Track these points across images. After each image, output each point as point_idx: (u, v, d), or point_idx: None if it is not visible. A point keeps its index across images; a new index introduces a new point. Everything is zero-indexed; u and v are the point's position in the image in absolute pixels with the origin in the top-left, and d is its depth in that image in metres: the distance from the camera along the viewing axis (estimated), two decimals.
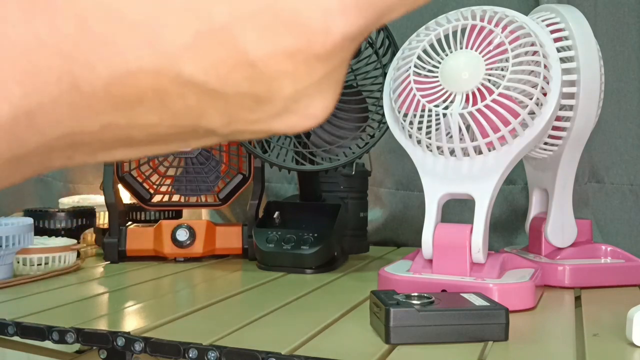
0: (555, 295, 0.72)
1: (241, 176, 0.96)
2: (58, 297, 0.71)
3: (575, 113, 0.74)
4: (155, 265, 0.92)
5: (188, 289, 0.80)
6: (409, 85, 0.68)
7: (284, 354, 0.50)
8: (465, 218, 0.71)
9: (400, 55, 0.72)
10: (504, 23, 0.66)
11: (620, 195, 1.02)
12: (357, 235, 0.98)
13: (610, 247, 0.81)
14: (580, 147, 0.77)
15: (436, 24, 0.70)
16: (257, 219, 0.94)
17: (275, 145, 0.82)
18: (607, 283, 0.77)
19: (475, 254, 0.66)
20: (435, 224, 0.68)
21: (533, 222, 0.83)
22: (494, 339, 0.53)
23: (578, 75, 0.73)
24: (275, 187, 1.18)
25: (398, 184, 1.11)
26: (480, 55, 0.65)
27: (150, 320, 0.61)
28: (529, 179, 0.85)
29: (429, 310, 0.53)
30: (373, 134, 0.82)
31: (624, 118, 1.01)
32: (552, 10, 0.76)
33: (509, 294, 0.63)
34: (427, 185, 0.69)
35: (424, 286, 0.65)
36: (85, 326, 0.57)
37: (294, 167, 0.81)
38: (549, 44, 0.67)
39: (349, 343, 0.54)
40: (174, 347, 0.53)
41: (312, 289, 0.76)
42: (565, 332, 0.58)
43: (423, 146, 0.69)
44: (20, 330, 0.59)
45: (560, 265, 0.76)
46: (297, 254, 0.85)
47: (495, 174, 0.66)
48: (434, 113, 0.66)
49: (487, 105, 0.64)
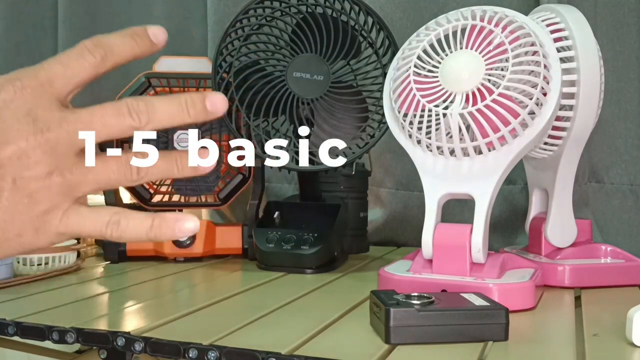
0: (555, 295, 0.72)
1: (241, 176, 0.96)
2: (58, 297, 0.71)
3: (575, 113, 0.74)
4: (155, 265, 0.92)
5: (188, 289, 0.80)
6: (409, 85, 0.68)
7: (284, 354, 0.50)
8: (465, 218, 0.71)
9: (400, 55, 0.72)
10: (504, 23, 0.66)
11: (620, 195, 1.02)
12: (357, 235, 0.98)
13: (610, 247, 0.81)
14: (580, 147, 0.77)
15: (436, 24, 0.70)
16: (257, 219, 0.94)
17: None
18: (607, 283, 0.77)
19: (475, 254, 0.66)
20: (435, 224, 0.68)
21: (533, 222, 0.83)
22: (494, 339, 0.53)
23: (578, 75, 0.73)
24: (275, 187, 1.18)
25: (398, 184, 1.11)
26: (480, 55, 0.65)
27: (150, 320, 0.61)
28: (529, 179, 0.85)
29: (429, 310, 0.53)
30: (373, 134, 0.82)
31: (624, 118, 1.01)
32: (552, 10, 0.76)
33: (509, 294, 0.63)
34: (427, 185, 0.69)
35: (424, 286, 0.65)
36: (85, 326, 0.57)
37: (294, 167, 0.81)
38: (549, 44, 0.67)
39: (349, 343, 0.54)
40: (174, 347, 0.53)
41: (312, 289, 0.76)
42: (565, 332, 0.58)
43: (423, 146, 0.69)
44: (20, 330, 0.59)
45: (560, 265, 0.76)
46: (297, 254, 0.85)
47: (495, 174, 0.66)
48: (434, 113, 0.66)
49: (487, 105, 0.64)
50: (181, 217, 0.42)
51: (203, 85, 0.93)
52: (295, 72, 0.81)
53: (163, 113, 0.42)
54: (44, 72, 0.41)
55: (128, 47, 0.43)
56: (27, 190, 0.39)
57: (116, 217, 0.41)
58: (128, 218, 0.41)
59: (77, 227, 0.41)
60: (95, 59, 0.42)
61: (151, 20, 1.28)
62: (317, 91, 0.81)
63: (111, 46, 0.42)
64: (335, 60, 0.82)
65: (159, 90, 0.93)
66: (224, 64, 0.83)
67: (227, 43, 0.83)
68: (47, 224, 0.40)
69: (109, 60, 0.42)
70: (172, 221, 0.42)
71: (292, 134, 0.82)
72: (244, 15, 0.83)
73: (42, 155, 0.39)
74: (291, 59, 0.82)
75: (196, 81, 0.93)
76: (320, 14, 0.82)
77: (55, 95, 0.41)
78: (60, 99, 0.41)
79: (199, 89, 0.94)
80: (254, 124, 0.81)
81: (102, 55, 0.42)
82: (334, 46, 0.81)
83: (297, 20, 0.82)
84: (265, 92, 0.81)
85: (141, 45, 0.43)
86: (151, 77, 0.93)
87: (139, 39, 0.43)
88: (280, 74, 0.81)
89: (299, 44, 0.82)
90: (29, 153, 0.39)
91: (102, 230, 0.41)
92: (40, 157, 0.39)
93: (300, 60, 0.81)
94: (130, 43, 0.43)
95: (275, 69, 0.82)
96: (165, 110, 0.42)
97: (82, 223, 0.41)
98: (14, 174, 0.39)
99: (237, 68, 0.82)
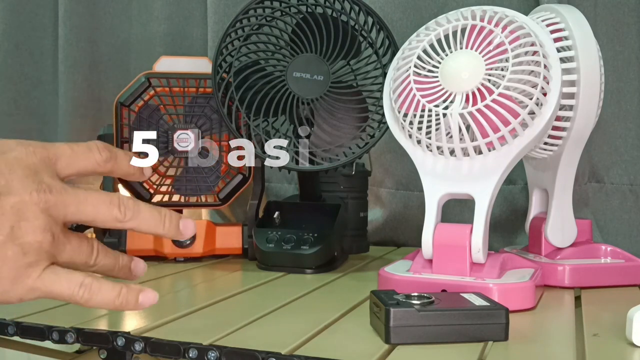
0: (555, 295, 0.72)
1: (241, 176, 0.96)
2: None
3: (575, 113, 0.74)
4: (155, 265, 0.92)
5: (188, 289, 0.80)
6: (409, 85, 0.68)
7: (284, 354, 0.50)
8: (465, 218, 0.71)
9: (400, 55, 0.72)
10: (504, 23, 0.66)
11: (620, 195, 1.02)
12: (357, 235, 0.98)
13: (610, 247, 0.81)
14: (580, 147, 0.77)
15: (436, 24, 0.70)
16: (257, 219, 0.94)
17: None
18: (607, 283, 0.77)
19: (475, 254, 0.66)
20: (435, 224, 0.68)
21: (533, 222, 0.83)
22: (494, 339, 0.53)
23: (578, 75, 0.73)
24: (275, 187, 1.18)
25: (398, 184, 1.11)
26: (480, 55, 0.65)
27: (150, 320, 0.61)
28: (529, 179, 0.85)
29: (429, 310, 0.53)
30: (373, 134, 0.82)
31: (624, 118, 1.01)
32: (552, 10, 0.76)
33: (509, 294, 0.63)
34: (427, 185, 0.69)
35: (424, 286, 0.65)
36: (85, 326, 0.57)
37: (294, 167, 0.81)
38: (549, 44, 0.67)
39: (349, 343, 0.54)
40: (174, 347, 0.53)
41: (312, 289, 0.76)
42: (565, 332, 0.58)
43: (423, 146, 0.69)
44: (20, 330, 0.59)
45: (560, 265, 0.76)
46: (297, 254, 0.85)
47: (495, 174, 0.66)
48: (434, 113, 0.66)
49: (487, 105, 0.64)
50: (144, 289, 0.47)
51: (203, 85, 0.93)
52: (295, 72, 0.81)
53: (145, 216, 0.46)
54: (54, 149, 0.45)
55: (127, 162, 0.49)
56: (21, 240, 0.42)
57: (89, 280, 0.45)
58: (100, 283, 0.45)
59: (50, 285, 0.44)
60: (101, 157, 0.47)
61: (151, 20, 1.28)
62: (317, 91, 0.81)
63: (117, 155, 0.48)
64: (335, 60, 0.82)
65: (159, 90, 0.93)
66: (224, 64, 0.83)
67: (227, 43, 0.83)
68: (25, 277, 0.43)
69: (109, 164, 0.48)
70: (136, 291, 0.47)
71: (292, 134, 0.82)
72: (244, 15, 0.83)
73: (40, 212, 0.43)
74: (291, 59, 0.82)
75: (196, 81, 0.93)
76: (320, 14, 0.82)
77: (57, 171, 0.45)
78: (60, 176, 0.45)
79: (199, 89, 0.94)
80: (254, 124, 0.81)
81: (107, 157, 0.48)
82: (334, 46, 0.81)
83: (297, 20, 0.82)
84: (265, 92, 0.81)
85: (137, 169, 0.50)
86: (151, 77, 0.93)
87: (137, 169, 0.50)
88: (280, 74, 0.81)
89: (299, 44, 0.82)
90: (31, 207, 0.42)
91: (75, 290, 0.44)
92: (39, 214, 0.42)
93: (300, 60, 0.81)
94: (128, 159, 0.49)
95: (275, 69, 0.82)
96: (148, 215, 0.46)
97: (57, 282, 0.44)
98: (13, 222, 0.42)
99: (237, 68, 0.82)
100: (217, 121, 0.93)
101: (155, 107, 0.93)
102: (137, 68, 1.25)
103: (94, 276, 0.45)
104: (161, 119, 0.93)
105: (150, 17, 1.28)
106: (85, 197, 0.44)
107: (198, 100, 0.94)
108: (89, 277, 0.45)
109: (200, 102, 0.94)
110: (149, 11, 1.29)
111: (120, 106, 0.93)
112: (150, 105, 0.93)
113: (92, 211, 0.45)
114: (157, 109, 0.93)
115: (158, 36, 1.27)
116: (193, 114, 0.93)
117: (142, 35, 1.30)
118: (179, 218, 0.48)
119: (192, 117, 0.93)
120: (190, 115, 0.93)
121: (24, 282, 0.43)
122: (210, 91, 0.93)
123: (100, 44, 1.31)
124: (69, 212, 0.44)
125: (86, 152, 0.47)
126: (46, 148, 0.45)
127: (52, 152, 0.45)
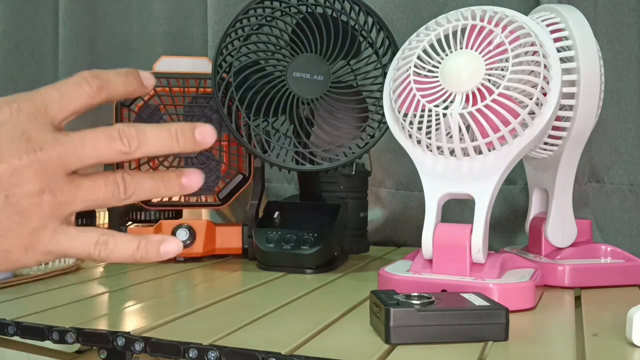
0: (555, 295, 0.72)
1: (241, 176, 0.96)
2: (58, 297, 0.71)
3: (575, 113, 0.74)
4: (155, 265, 0.92)
5: (188, 289, 0.80)
6: (409, 85, 0.68)
7: (284, 354, 0.50)
8: (465, 218, 0.71)
9: (400, 55, 0.72)
10: (504, 23, 0.66)
11: (620, 195, 1.02)
12: (357, 235, 0.98)
13: (610, 247, 0.81)
14: (580, 147, 0.77)
15: (436, 24, 0.70)
16: (257, 219, 0.94)
17: (275, 145, 0.82)
18: (607, 283, 0.77)
19: (475, 254, 0.66)
20: (435, 224, 0.68)
21: (533, 222, 0.83)
22: (494, 339, 0.53)
23: (578, 75, 0.73)
24: (275, 187, 1.18)
25: (398, 184, 1.11)
26: (480, 55, 0.65)
27: (150, 320, 0.61)
28: (529, 179, 0.85)
29: (429, 310, 0.53)
30: (373, 134, 0.82)
31: (624, 118, 1.01)
32: (552, 10, 0.76)
33: (509, 294, 0.63)
34: (427, 185, 0.69)
35: (424, 286, 0.65)
36: (85, 326, 0.57)
37: (294, 167, 0.81)
38: (549, 44, 0.67)
39: (349, 343, 0.54)
40: (174, 347, 0.53)
41: (312, 289, 0.76)
42: (565, 332, 0.58)
43: (423, 146, 0.69)
44: (20, 330, 0.59)
45: (560, 265, 0.76)
46: (297, 254, 0.85)
47: (495, 174, 0.66)
48: (434, 113, 0.66)
49: (487, 105, 0.64)
50: (166, 239, 0.44)
51: (203, 85, 0.93)
52: (295, 72, 0.81)
53: (153, 140, 0.43)
54: (40, 97, 0.42)
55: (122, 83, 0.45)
56: (18, 207, 0.40)
57: (104, 238, 0.43)
58: (116, 239, 0.43)
59: (65, 246, 0.42)
60: (92, 89, 0.43)
61: (151, 20, 1.28)
62: (317, 91, 0.81)
63: (108, 79, 0.44)
64: (335, 60, 0.82)
65: (159, 90, 0.93)
66: (224, 64, 0.83)
67: (227, 43, 0.83)
68: (36, 242, 0.41)
69: (103, 92, 0.44)
70: (157, 243, 0.44)
71: (292, 134, 0.82)
72: (244, 15, 0.83)
73: (33, 174, 0.41)
74: (291, 59, 0.82)
75: (196, 81, 0.93)
76: (320, 14, 0.82)
77: (49, 119, 0.42)
78: (55, 123, 0.43)
79: (199, 89, 0.94)
80: (254, 124, 0.81)
81: (98, 86, 0.43)
82: (334, 46, 0.81)
83: (297, 20, 0.82)
84: (265, 92, 0.81)
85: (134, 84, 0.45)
86: None
87: (132, 78, 0.45)
88: (280, 74, 0.81)
89: (299, 44, 0.82)
90: (22, 171, 0.40)
91: (91, 250, 0.42)
92: (32, 176, 0.41)
93: (300, 60, 0.81)
94: (124, 80, 0.45)
95: (275, 69, 0.82)
96: (156, 138, 0.43)
97: (71, 242, 0.42)
98: (6, 190, 0.40)
99: (237, 68, 0.82)
100: (217, 121, 0.93)
101: (155, 107, 0.93)
102: (137, 68, 1.24)
103: (108, 232, 0.43)
104: (161, 118, 0.93)
105: (150, 17, 1.28)
106: (81, 140, 0.42)
107: (198, 100, 0.94)
108: (104, 235, 0.43)
109: (200, 102, 0.94)
110: (148, 11, 1.29)
111: (120, 106, 0.93)
112: (151, 105, 0.93)
113: (93, 152, 0.42)
114: (157, 109, 0.93)
115: (158, 36, 1.27)
116: (193, 114, 0.93)
117: (142, 35, 1.30)
118: (193, 128, 0.44)
119: (192, 117, 0.93)
120: (190, 115, 0.93)
121: (37, 248, 0.41)
122: (210, 91, 0.93)
123: (100, 44, 1.31)
124: (68, 162, 0.41)
125: (75, 88, 0.43)
126: (32, 99, 0.42)
127: (39, 102, 0.42)
